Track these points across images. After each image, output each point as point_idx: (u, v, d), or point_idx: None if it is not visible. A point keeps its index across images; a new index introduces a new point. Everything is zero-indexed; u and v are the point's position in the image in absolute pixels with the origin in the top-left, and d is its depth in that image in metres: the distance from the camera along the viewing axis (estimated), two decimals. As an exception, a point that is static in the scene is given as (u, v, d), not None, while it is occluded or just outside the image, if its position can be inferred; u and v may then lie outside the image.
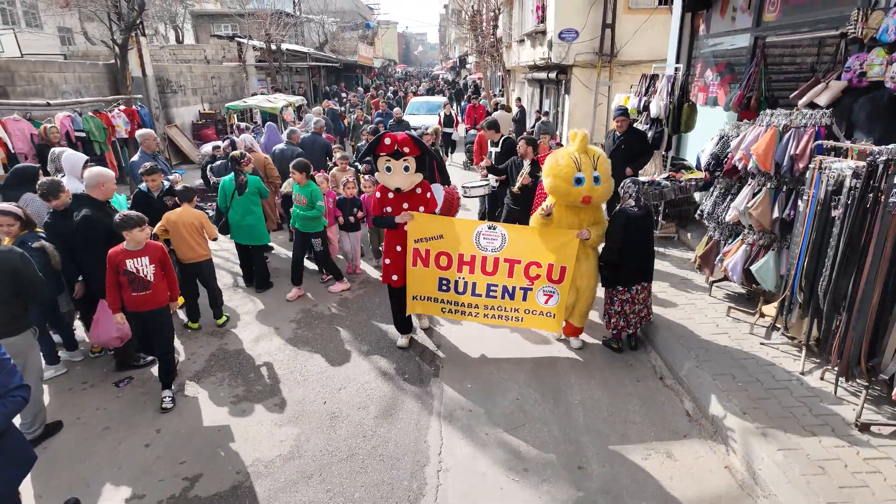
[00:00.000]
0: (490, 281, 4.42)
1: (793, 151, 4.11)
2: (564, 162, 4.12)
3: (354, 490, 3.19)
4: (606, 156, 4.33)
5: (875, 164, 3.34)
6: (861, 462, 3.15)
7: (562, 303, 4.36)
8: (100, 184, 4.09)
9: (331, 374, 4.40)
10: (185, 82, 14.67)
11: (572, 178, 4.07)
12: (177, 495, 3.17)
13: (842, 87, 4.46)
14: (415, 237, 4.33)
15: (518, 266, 4.35)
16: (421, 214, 4.34)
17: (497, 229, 4.35)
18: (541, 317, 4.45)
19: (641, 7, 12.87)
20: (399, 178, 4.26)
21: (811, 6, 5.16)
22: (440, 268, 4.44)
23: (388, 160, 4.20)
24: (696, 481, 3.22)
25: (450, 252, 4.39)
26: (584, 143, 4.20)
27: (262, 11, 19.31)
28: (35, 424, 3.60)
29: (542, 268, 4.31)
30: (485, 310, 4.53)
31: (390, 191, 4.36)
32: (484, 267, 4.40)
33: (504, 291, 4.44)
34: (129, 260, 3.79)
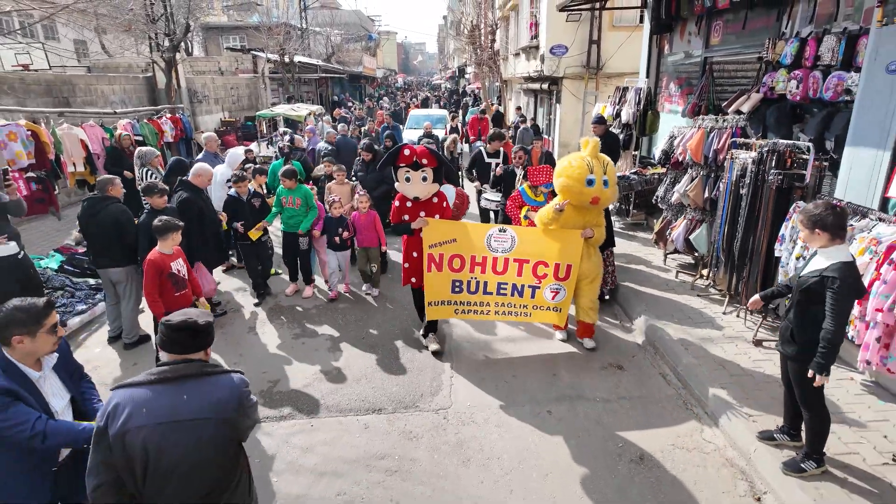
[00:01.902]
0: (500, 280, 4.71)
1: (715, 146, 5.44)
2: (577, 164, 4.42)
3: (392, 387, 4.47)
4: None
5: (762, 154, 4.67)
6: (751, 362, 4.45)
7: (567, 298, 4.71)
8: (198, 175, 5.43)
9: (363, 323, 5.69)
10: (208, 92, 16.05)
11: (584, 180, 4.37)
12: (265, 391, 4.45)
13: (759, 98, 5.80)
14: (430, 242, 4.58)
15: (527, 266, 4.65)
16: (435, 220, 4.63)
17: (507, 231, 4.68)
18: (547, 311, 4.78)
19: (624, 25, 14.24)
20: (418, 187, 4.61)
21: (741, 35, 6.50)
22: (453, 270, 4.69)
23: (407, 171, 4.56)
24: (640, 385, 4.51)
25: (462, 254, 4.65)
26: (596, 149, 4.54)
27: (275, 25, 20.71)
28: (130, 334, 5.00)
29: (549, 267, 4.61)
30: (496, 307, 4.82)
31: (409, 200, 4.70)
32: (495, 267, 4.68)
33: (514, 289, 4.73)
34: (171, 263, 4.06)
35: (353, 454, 3.68)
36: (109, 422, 1.86)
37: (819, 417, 3.15)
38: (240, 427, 2.04)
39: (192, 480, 1.91)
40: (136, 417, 1.85)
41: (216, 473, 1.98)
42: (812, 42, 5.07)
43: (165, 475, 1.88)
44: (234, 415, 1.98)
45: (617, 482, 3.38)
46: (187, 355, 2.01)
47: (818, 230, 2.93)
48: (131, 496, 1.92)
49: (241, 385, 2.05)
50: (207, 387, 1.97)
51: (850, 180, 4.46)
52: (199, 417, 1.90)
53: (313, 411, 4.18)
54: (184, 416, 1.89)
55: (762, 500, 3.24)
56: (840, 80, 4.73)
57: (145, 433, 1.84)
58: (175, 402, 1.90)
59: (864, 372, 4.10)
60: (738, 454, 3.61)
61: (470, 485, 3.40)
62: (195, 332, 2.02)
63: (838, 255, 2.91)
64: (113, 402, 1.90)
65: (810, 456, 3.19)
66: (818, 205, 2.98)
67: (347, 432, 3.92)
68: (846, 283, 2.82)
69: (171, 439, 1.87)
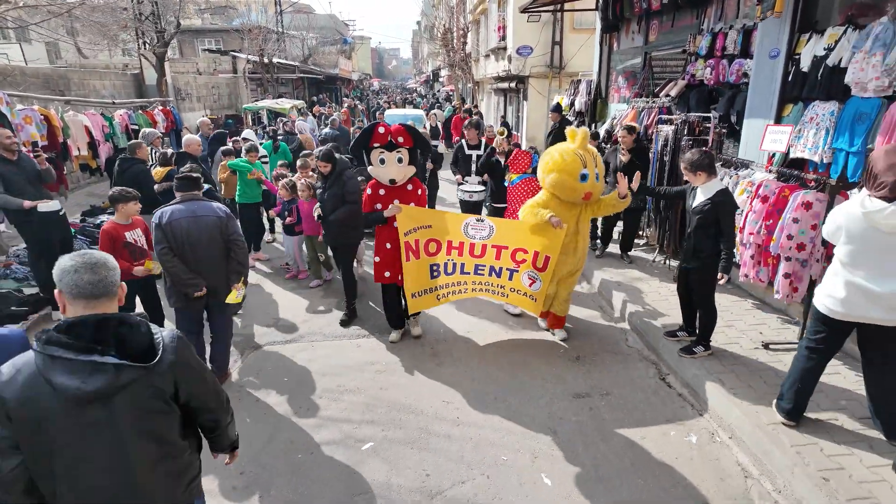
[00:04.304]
0: (478, 262, 4.60)
1: (646, 122, 6.49)
2: (571, 158, 4.23)
3: (380, 319, 5.34)
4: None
5: (678, 125, 5.72)
6: (669, 293, 5.48)
7: (543, 290, 4.51)
8: (188, 145, 6.57)
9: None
10: (191, 91, 16.67)
11: (578, 174, 4.21)
12: (270, 324, 5.28)
13: (684, 84, 6.88)
14: (405, 229, 4.36)
15: (505, 251, 4.51)
16: (409, 207, 4.39)
17: (485, 221, 4.53)
18: (524, 297, 4.62)
19: (584, 28, 15.40)
20: (393, 169, 4.29)
21: (672, 32, 7.59)
22: (429, 254, 4.54)
23: (381, 152, 4.26)
24: (579, 309, 5.48)
25: (438, 238, 4.51)
26: (586, 140, 4.35)
27: (255, 27, 21.40)
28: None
29: (528, 254, 4.44)
30: (473, 285, 4.73)
31: (382, 187, 4.40)
32: (472, 251, 4.55)
33: (491, 270, 4.62)
34: (127, 232, 4.20)
35: (348, 362, 4.56)
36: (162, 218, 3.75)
37: (710, 314, 4.16)
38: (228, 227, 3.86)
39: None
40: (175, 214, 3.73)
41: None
42: (721, 36, 6.16)
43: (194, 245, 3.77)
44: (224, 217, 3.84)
45: (558, 372, 4.33)
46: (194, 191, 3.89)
47: (699, 171, 3.94)
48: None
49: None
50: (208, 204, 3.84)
51: (748, 144, 5.53)
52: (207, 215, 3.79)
53: (314, 338, 5.03)
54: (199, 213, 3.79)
55: (667, 378, 4.24)
56: (740, 66, 5.82)
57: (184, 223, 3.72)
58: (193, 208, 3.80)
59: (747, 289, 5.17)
60: (650, 351, 4.62)
61: (441, 376, 4.31)
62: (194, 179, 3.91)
63: (716, 186, 3.95)
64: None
65: (699, 342, 4.21)
66: (694, 153, 3.99)
67: (343, 350, 4.79)
68: (728, 201, 3.90)
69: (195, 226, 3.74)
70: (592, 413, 3.80)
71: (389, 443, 3.53)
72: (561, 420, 3.73)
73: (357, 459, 3.38)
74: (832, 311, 2.99)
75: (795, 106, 5.01)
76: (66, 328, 1.57)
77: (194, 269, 3.80)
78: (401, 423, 3.74)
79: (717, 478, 3.16)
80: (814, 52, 4.71)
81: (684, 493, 3.05)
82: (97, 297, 1.66)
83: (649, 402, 3.92)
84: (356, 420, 3.78)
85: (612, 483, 3.13)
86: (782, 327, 4.70)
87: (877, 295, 2.79)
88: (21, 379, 1.53)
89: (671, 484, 3.11)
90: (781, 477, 3.02)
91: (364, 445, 3.51)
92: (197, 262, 3.80)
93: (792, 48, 5.02)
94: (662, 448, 3.42)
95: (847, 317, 2.96)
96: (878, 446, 3.14)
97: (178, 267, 3.75)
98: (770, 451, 3.17)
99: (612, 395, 4.01)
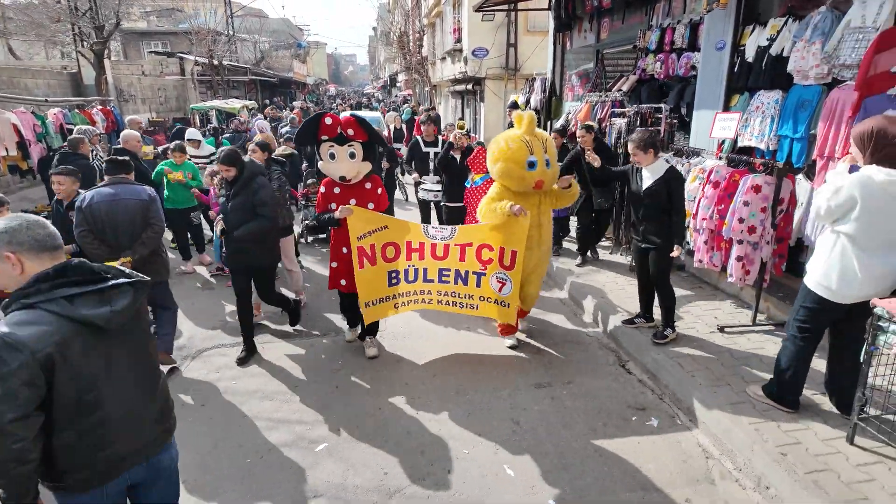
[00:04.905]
0: (442, 265, 4.21)
1: (599, 116, 6.55)
2: (516, 145, 3.93)
3: (337, 319, 5.14)
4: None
5: (630, 117, 5.78)
6: (626, 283, 5.51)
7: (514, 292, 4.14)
8: (125, 140, 6.24)
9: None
10: (135, 92, 15.95)
11: (525, 162, 3.91)
12: (217, 326, 5.00)
13: (635, 79, 7.00)
14: (357, 234, 3.95)
15: (469, 249, 4.15)
16: (361, 209, 3.96)
17: (447, 228, 4.30)
18: (495, 305, 4.24)
19: (538, 30, 15.63)
20: (345, 165, 3.87)
21: (622, 29, 7.73)
22: (387, 260, 4.14)
23: (331, 146, 3.85)
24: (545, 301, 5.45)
25: (396, 241, 4.12)
26: (532, 125, 4.05)
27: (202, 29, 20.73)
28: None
29: (493, 251, 4.09)
30: (438, 295, 4.32)
31: (336, 185, 4.01)
32: (434, 252, 4.18)
33: (457, 276, 4.23)
34: None
35: (302, 362, 4.35)
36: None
37: (668, 295, 4.19)
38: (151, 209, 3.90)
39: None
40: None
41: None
42: (670, 30, 6.29)
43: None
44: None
45: (519, 363, 4.25)
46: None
47: (650, 149, 3.97)
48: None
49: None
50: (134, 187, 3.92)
51: (698, 133, 5.64)
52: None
53: (264, 339, 4.79)
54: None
55: (626, 365, 4.23)
56: (688, 60, 5.95)
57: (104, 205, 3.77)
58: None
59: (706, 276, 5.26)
60: (609, 339, 4.61)
61: (400, 372, 4.16)
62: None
63: (663, 165, 4.02)
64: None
65: (667, 325, 4.22)
66: (642, 132, 4.04)
67: (296, 349, 4.58)
68: (677, 176, 3.98)
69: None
70: (554, 402, 3.73)
71: (345, 442, 3.36)
72: (524, 410, 3.64)
73: (311, 461, 3.19)
74: (835, 292, 2.84)
75: (742, 96, 5.13)
76: (55, 275, 1.64)
77: (115, 248, 3.85)
78: (357, 421, 3.56)
79: (680, 460, 3.13)
80: (758, 43, 4.84)
81: (647, 476, 3.00)
82: (58, 248, 1.74)
83: (610, 389, 3.88)
84: (309, 421, 3.58)
85: (575, 470, 3.05)
86: (736, 311, 4.79)
87: (882, 272, 2.72)
88: (39, 330, 1.56)
89: (634, 468, 3.06)
90: (741, 455, 3.02)
91: (318, 446, 3.32)
92: (118, 243, 3.86)
93: (737, 40, 5.15)
94: (625, 433, 3.38)
95: (848, 298, 2.83)
96: (831, 420, 3.18)
97: (99, 249, 3.79)
98: (729, 429, 3.17)
99: (574, 383, 3.96)
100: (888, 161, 2.65)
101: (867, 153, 2.71)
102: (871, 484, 2.66)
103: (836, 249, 2.83)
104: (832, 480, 2.70)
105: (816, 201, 2.86)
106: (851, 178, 2.73)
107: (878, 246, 2.72)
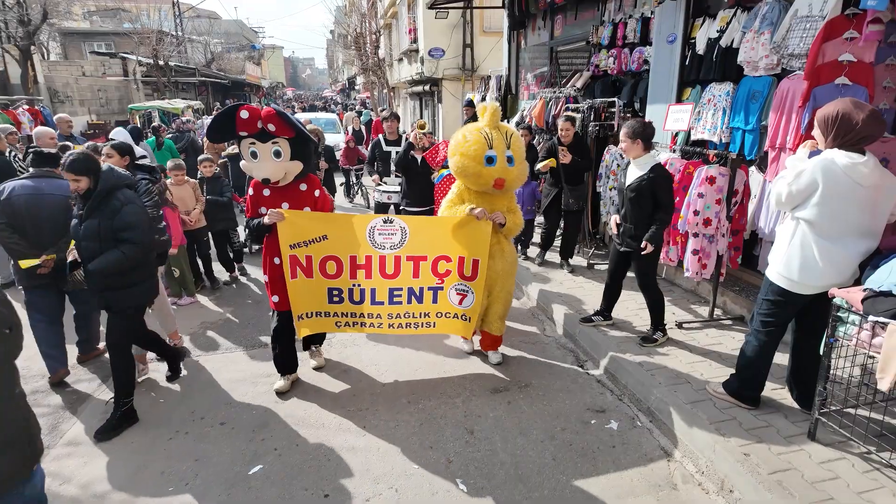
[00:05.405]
0: (392, 285, 3.68)
1: (554, 112, 6.44)
2: (473, 138, 3.52)
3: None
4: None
5: (584, 112, 5.68)
6: (584, 281, 5.38)
7: (477, 304, 3.72)
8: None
9: (243, 290, 5.93)
10: (72, 93, 15.03)
11: (483, 157, 3.49)
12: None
13: (589, 75, 6.93)
14: (290, 241, 3.45)
15: (424, 263, 3.66)
16: (295, 212, 3.44)
17: (395, 222, 3.61)
18: (455, 320, 3.81)
19: (494, 31, 15.59)
20: (268, 165, 3.30)
21: (575, 25, 7.67)
22: (328, 276, 3.61)
23: (252, 143, 3.28)
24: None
25: (338, 255, 3.58)
26: (496, 117, 3.62)
27: (147, 29, 19.81)
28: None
29: (451, 262, 3.65)
30: (389, 318, 3.77)
31: (266, 186, 3.45)
32: (383, 269, 3.64)
33: (410, 294, 3.72)
34: None
35: (238, 376, 4.00)
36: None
37: (656, 297, 4.00)
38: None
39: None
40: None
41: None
42: (621, 25, 6.23)
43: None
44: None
45: (474, 367, 4.02)
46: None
47: (638, 140, 3.76)
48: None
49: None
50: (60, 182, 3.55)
51: (651, 130, 5.58)
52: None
53: (199, 352, 4.41)
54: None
55: (584, 365, 4.07)
56: (641, 54, 5.90)
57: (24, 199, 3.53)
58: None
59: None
60: (567, 339, 4.45)
61: (347, 382, 3.87)
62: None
63: (651, 161, 3.79)
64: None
65: (657, 328, 4.04)
66: (636, 121, 3.82)
67: (233, 362, 4.22)
68: (664, 176, 3.74)
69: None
70: (511, 407, 3.52)
71: (283, 463, 3.04)
72: (479, 418, 3.42)
73: (244, 486, 2.87)
74: (796, 283, 2.75)
75: (694, 89, 5.09)
76: None
77: (36, 245, 3.60)
78: (297, 439, 3.26)
79: (640, 464, 2.97)
80: (708, 35, 4.80)
81: (607, 484, 2.82)
82: None
83: (569, 391, 3.71)
84: (244, 441, 3.25)
85: (532, 482, 2.84)
86: (693, 306, 4.71)
87: (843, 260, 2.62)
88: None
89: (594, 476, 2.88)
90: (703, 456, 2.88)
91: (252, 468, 3.00)
92: (39, 239, 3.62)
93: (688, 33, 5.11)
94: (584, 438, 3.20)
95: (810, 288, 2.73)
96: (792, 415, 3.08)
97: (18, 245, 3.57)
98: (690, 430, 3.03)
99: (531, 386, 3.76)
100: (851, 145, 2.56)
101: (830, 137, 2.62)
102: (835, 482, 2.55)
103: (797, 238, 2.73)
104: (796, 480, 2.57)
105: (776, 187, 2.75)
106: (813, 161, 2.62)
107: (838, 233, 2.62)
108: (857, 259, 2.62)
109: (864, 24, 3.53)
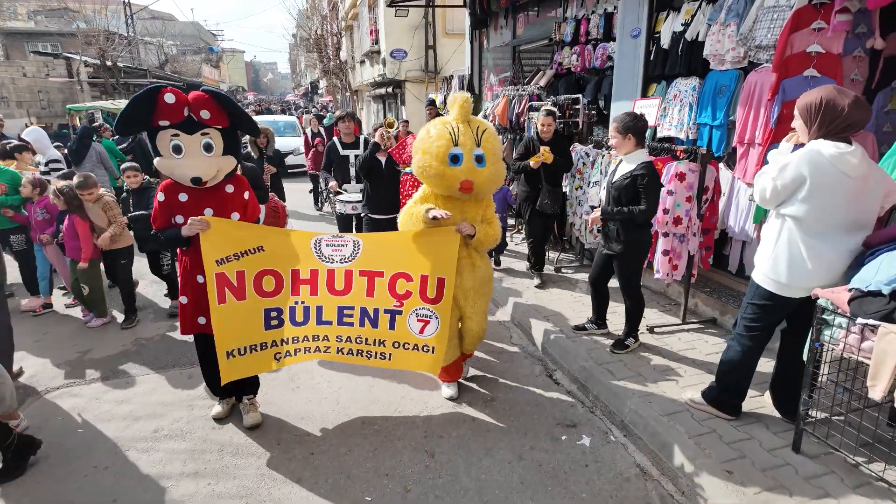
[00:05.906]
0: (342, 303, 3.13)
1: (517, 110, 6.22)
2: (437, 132, 3.01)
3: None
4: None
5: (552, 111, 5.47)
6: (552, 284, 5.14)
7: (442, 332, 3.14)
8: None
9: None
10: (7, 94, 14.06)
11: (447, 156, 2.96)
12: (73, 360, 4.10)
13: (552, 73, 6.75)
14: (216, 256, 2.84)
15: (381, 280, 3.11)
16: (222, 220, 2.86)
17: (346, 237, 3.18)
18: (415, 352, 3.19)
19: (456, 32, 15.40)
20: (198, 162, 2.73)
21: (539, 22, 7.50)
22: (264, 295, 3.01)
23: (175, 134, 2.69)
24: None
25: (277, 269, 3.02)
26: (466, 110, 3.08)
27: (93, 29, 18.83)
28: None
29: (412, 281, 3.10)
30: (338, 342, 3.20)
31: (182, 189, 2.83)
32: (332, 284, 3.10)
33: (363, 315, 3.15)
34: None
35: (172, 399, 3.58)
36: None
37: (637, 304, 3.76)
38: None
39: None
40: None
41: None
42: (584, 21, 6.07)
43: None
44: None
45: (436, 381, 3.71)
46: None
47: (630, 135, 3.48)
48: None
49: None
50: None
51: (616, 128, 5.41)
52: None
53: (130, 373, 3.96)
54: None
55: (554, 375, 3.81)
56: (604, 50, 5.74)
57: None
58: None
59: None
60: (535, 347, 4.19)
61: (296, 404, 3.50)
62: None
63: (641, 158, 3.51)
64: None
65: (630, 334, 3.81)
66: (628, 115, 3.54)
67: (168, 383, 3.79)
68: (652, 175, 3.45)
69: None
70: (475, 424, 3.23)
71: (217, 499, 2.66)
72: (440, 438, 3.11)
73: (168, 530, 2.48)
74: (784, 286, 2.55)
75: (659, 85, 4.94)
76: None
77: None
78: (235, 469, 2.88)
79: (615, 485, 2.71)
80: (672, 29, 4.66)
81: (581, 509, 2.55)
82: None
83: (538, 404, 3.44)
84: (174, 474, 2.85)
85: (498, 511, 2.55)
86: (664, 310, 4.53)
87: (834, 259, 2.43)
88: None
89: (566, 500, 2.61)
90: (683, 476, 2.64)
91: (179, 509, 2.61)
92: None
93: (652, 26, 4.97)
94: (554, 457, 2.92)
95: (800, 291, 2.52)
96: (773, 425, 2.89)
97: None
98: (668, 445, 2.80)
99: (497, 400, 3.48)
100: (836, 134, 2.37)
101: (814, 126, 2.42)
102: (826, 501, 2.35)
103: (783, 237, 2.52)
104: (785, 502, 2.36)
105: (760, 183, 2.55)
106: (798, 154, 2.42)
107: (827, 229, 2.43)
108: (848, 257, 2.43)
109: (831, 14, 3.41)
